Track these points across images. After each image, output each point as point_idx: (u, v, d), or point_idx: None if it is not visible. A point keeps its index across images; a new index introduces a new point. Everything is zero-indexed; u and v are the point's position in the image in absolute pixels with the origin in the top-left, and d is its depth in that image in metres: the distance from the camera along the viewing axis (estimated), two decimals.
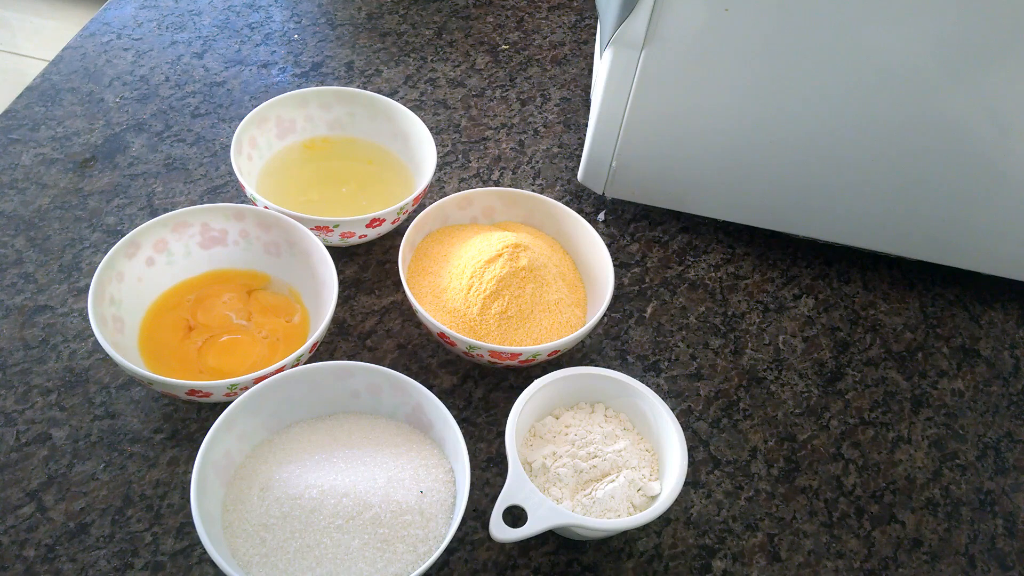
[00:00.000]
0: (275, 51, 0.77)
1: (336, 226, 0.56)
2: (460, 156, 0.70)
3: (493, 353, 0.51)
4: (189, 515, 0.47)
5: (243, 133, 0.60)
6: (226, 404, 0.46)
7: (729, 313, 0.63)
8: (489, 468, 0.52)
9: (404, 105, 0.64)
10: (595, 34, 0.82)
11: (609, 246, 0.58)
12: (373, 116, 0.65)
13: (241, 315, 0.55)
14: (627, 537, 0.50)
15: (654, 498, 0.46)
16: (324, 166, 0.65)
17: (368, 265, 0.61)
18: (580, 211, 0.65)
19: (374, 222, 0.56)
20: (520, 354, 0.51)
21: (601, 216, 0.68)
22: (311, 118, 0.65)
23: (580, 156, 0.65)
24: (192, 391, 0.47)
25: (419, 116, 0.63)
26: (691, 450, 0.54)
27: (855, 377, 0.60)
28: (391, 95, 0.74)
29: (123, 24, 0.78)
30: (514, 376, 0.56)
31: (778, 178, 0.61)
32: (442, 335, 0.52)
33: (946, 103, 0.54)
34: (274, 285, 0.57)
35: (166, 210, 0.59)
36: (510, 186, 0.68)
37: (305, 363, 0.50)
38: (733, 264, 0.66)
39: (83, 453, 0.50)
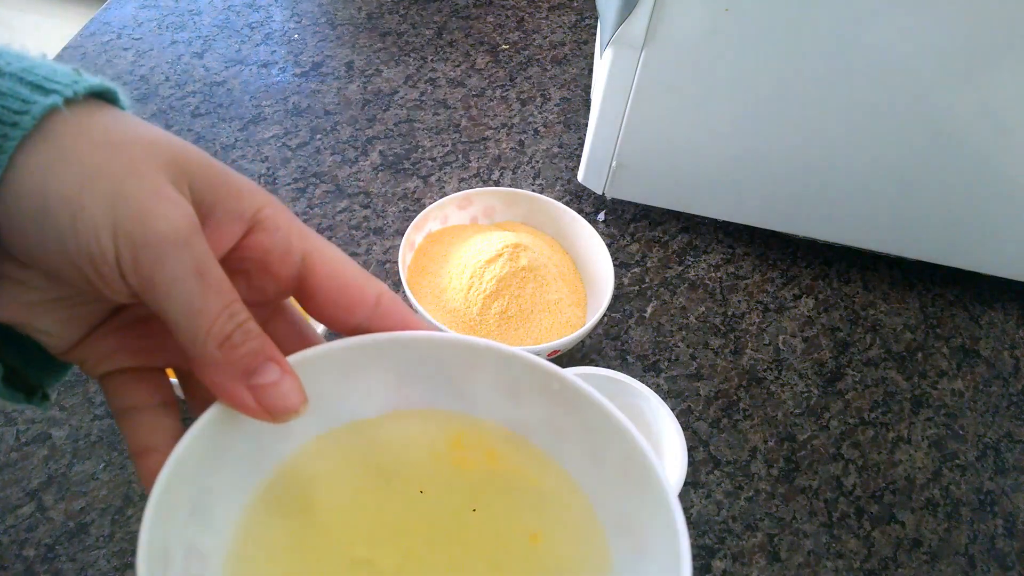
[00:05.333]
0: (275, 51, 0.77)
1: None
2: (460, 156, 0.70)
3: None
4: None
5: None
6: None
7: (729, 313, 0.63)
8: None
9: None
10: (595, 34, 0.82)
11: (609, 246, 0.58)
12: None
13: None
14: None
15: None
16: None
17: (368, 265, 0.61)
18: (580, 211, 0.65)
19: None
20: None
21: (601, 216, 0.68)
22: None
23: (580, 156, 0.65)
24: None
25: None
26: (691, 450, 0.54)
27: (855, 377, 0.60)
28: (391, 95, 0.74)
29: (123, 24, 0.78)
30: None
31: (778, 178, 0.61)
32: None
33: (946, 103, 0.54)
34: None
35: None
36: (510, 186, 0.68)
37: None
38: (733, 264, 0.66)
39: (83, 453, 0.50)
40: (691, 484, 0.52)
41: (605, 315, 0.60)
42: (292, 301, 0.28)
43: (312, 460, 0.28)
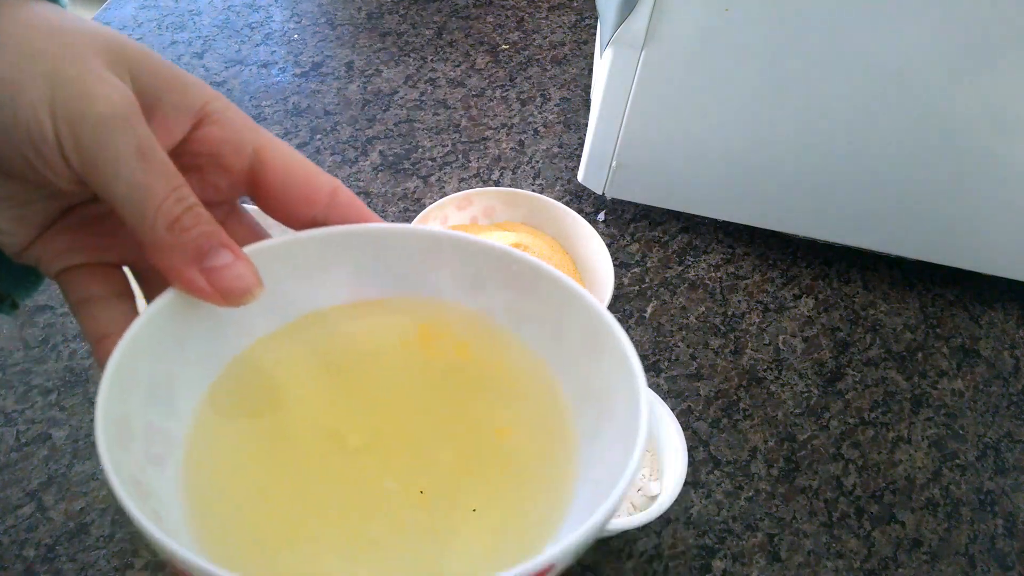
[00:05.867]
0: (275, 51, 0.77)
1: None
2: (460, 156, 0.70)
3: None
4: None
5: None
6: None
7: (729, 313, 0.63)
8: None
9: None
10: (595, 34, 0.82)
11: (609, 246, 0.58)
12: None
13: None
14: (627, 537, 0.50)
15: (654, 498, 0.46)
16: None
17: None
18: (580, 211, 0.65)
19: None
20: None
21: (601, 216, 0.68)
22: None
23: (580, 156, 0.65)
24: None
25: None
26: (691, 450, 0.54)
27: (855, 377, 0.60)
28: (391, 95, 0.74)
29: (123, 24, 0.78)
30: None
31: (778, 178, 0.61)
32: None
33: (946, 103, 0.54)
34: None
35: None
36: (510, 186, 0.68)
37: None
38: (733, 264, 0.66)
39: (83, 453, 0.50)
40: (691, 484, 0.52)
41: None
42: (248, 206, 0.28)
43: (275, 348, 0.28)
